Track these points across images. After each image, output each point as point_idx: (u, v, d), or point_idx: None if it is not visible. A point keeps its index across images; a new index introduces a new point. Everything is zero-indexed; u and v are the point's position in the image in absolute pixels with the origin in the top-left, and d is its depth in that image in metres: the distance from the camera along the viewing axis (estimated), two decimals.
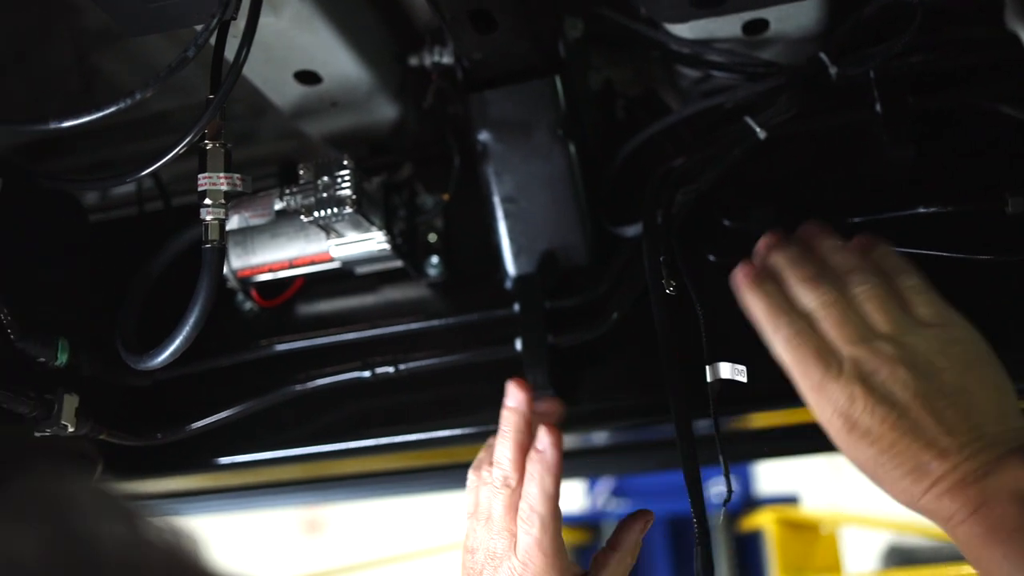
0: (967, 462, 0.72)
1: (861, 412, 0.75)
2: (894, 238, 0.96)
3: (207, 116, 0.84)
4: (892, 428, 0.74)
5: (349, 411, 1.12)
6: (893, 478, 0.75)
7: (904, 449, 0.73)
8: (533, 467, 0.89)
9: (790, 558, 2.27)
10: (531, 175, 1.04)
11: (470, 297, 1.12)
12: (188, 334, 0.88)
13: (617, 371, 1.05)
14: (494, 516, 0.91)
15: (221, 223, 0.87)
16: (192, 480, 1.24)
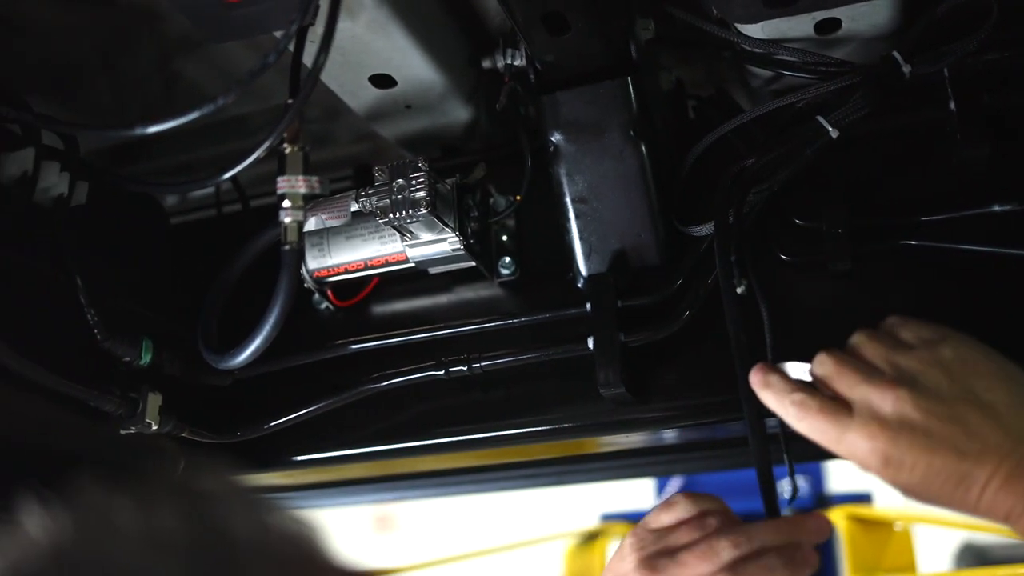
0: (1007, 460, 0.74)
1: (887, 446, 0.76)
2: (968, 237, 0.96)
3: (286, 120, 0.86)
4: (923, 451, 0.75)
5: (423, 409, 1.14)
6: (947, 495, 0.76)
7: (943, 467, 0.74)
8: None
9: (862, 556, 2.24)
10: (603, 176, 1.05)
11: (542, 297, 1.13)
12: (268, 334, 0.90)
13: (688, 370, 1.05)
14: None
15: (299, 225, 0.89)
16: (270, 477, 1.27)
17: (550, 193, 1.09)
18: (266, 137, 0.88)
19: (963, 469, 0.74)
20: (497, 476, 1.43)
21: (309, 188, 0.90)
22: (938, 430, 0.75)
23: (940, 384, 0.77)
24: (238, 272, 1.09)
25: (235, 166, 0.89)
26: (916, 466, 0.75)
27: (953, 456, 0.74)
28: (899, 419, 0.76)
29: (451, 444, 1.12)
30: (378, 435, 1.15)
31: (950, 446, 0.75)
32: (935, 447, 0.75)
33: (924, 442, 0.75)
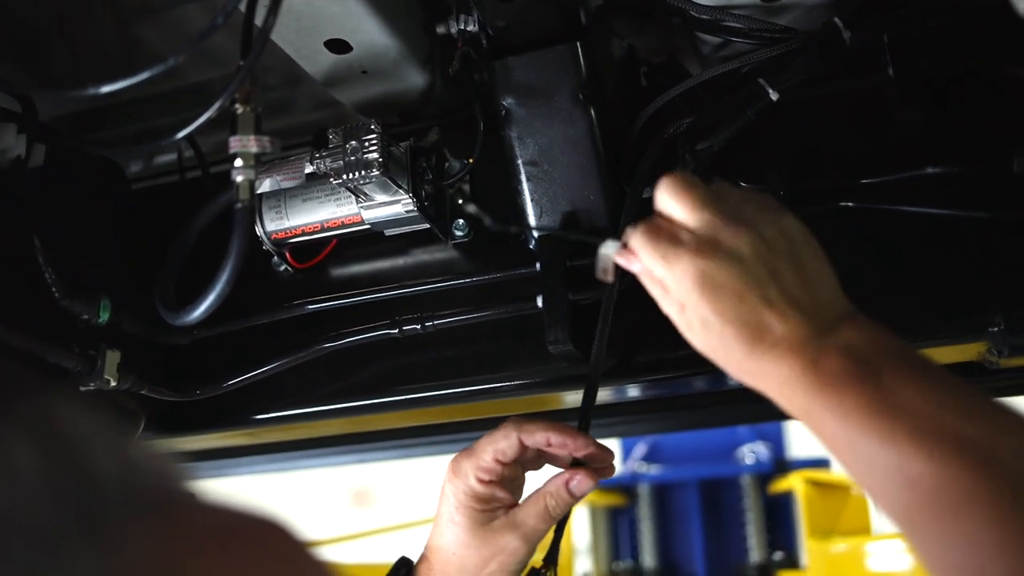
0: (807, 323, 0.76)
1: (711, 266, 0.78)
2: (904, 198, 0.99)
3: (237, 80, 0.88)
4: (738, 281, 0.77)
5: (378, 368, 1.16)
6: (739, 336, 0.77)
7: (751, 306, 0.77)
8: None
9: (819, 519, 2.28)
10: (553, 139, 1.07)
11: (496, 258, 1.16)
12: (221, 290, 0.92)
13: (636, 327, 1.08)
14: None
15: (251, 183, 0.91)
16: (231, 436, 1.29)
17: (503, 156, 1.12)
18: (217, 98, 0.90)
19: (764, 318, 0.77)
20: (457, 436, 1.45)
21: (260, 147, 0.91)
22: (758, 274, 0.78)
23: (775, 239, 0.80)
24: (195, 233, 1.11)
25: (188, 126, 0.91)
26: (729, 295, 0.77)
27: (763, 302, 0.77)
28: (731, 250, 0.78)
29: (406, 402, 1.15)
30: (335, 393, 1.17)
31: (762, 293, 0.77)
32: (750, 286, 0.77)
33: (743, 278, 0.78)
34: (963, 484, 0.66)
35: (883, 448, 0.70)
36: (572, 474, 1.00)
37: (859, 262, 1.02)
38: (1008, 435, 0.69)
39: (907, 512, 0.70)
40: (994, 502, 0.65)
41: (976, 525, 0.66)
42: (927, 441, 0.69)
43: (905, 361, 0.75)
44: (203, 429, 1.22)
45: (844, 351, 0.75)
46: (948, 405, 0.71)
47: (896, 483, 0.70)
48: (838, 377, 0.74)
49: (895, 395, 0.71)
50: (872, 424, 0.71)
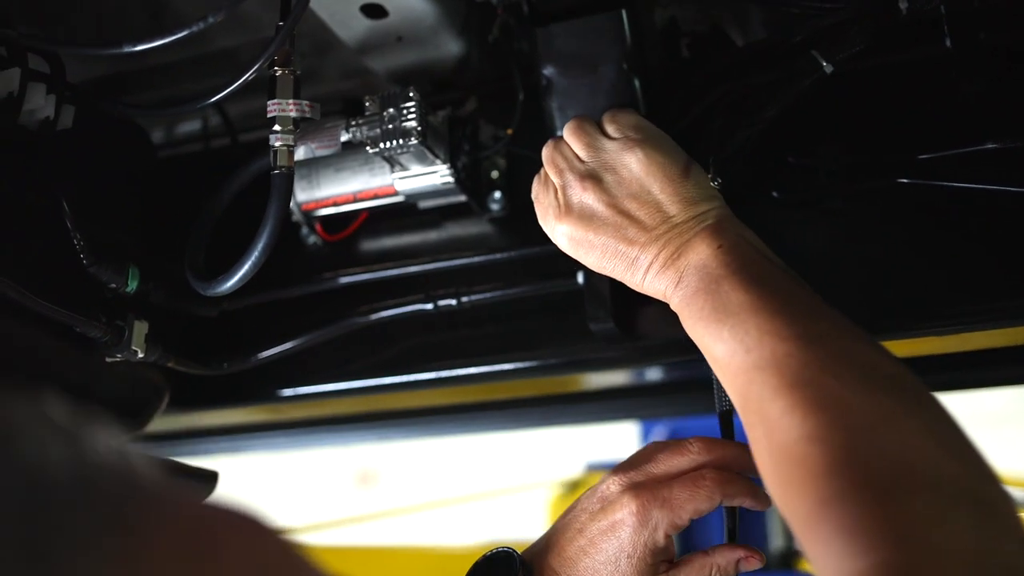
0: (664, 249, 0.87)
1: (573, 227, 0.91)
2: (962, 175, 0.95)
3: (276, 42, 0.85)
4: (599, 234, 0.89)
5: (410, 344, 1.13)
6: (620, 272, 0.90)
7: (616, 251, 0.89)
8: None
9: None
10: (595, 110, 1.04)
11: (531, 232, 1.12)
12: (257, 259, 0.90)
13: None
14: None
15: (290, 149, 0.89)
16: (255, 412, 1.26)
17: (541, 128, 1.08)
18: (256, 60, 0.87)
19: (632, 254, 0.88)
20: (482, 416, 1.42)
21: (300, 112, 0.89)
22: (612, 219, 0.89)
23: (621, 181, 0.90)
24: (226, 200, 1.08)
25: (222, 91, 0.88)
26: (594, 248, 0.90)
27: (624, 242, 0.88)
28: (581, 207, 0.91)
29: (439, 380, 1.12)
30: (365, 370, 1.14)
31: (621, 235, 0.88)
32: (609, 233, 0.89)
33: (601, 228, 0.89)
34: (762, 374, 0.74)
35: (716, 346, 0.80)
36: (747, 553, 0.95)
37: (915, 239, 0.98)
38: (816, 322, 0.78)
39: (742, 399, 0.77)
40: (778, 389, 0.72)
41: (765, 410, 0.73)
42: (741, 337, 0.77)
43: (744, 269, 0.82)
44: (229, 404, 1.19)
45: (696, 267, 0.85)
46: (766, 305, 0.78)
47: (727, 378, 0.79)
48: (692, 291, 0.84)
49: (726, 300, 0.80)
50: (709, 327, 0.81)
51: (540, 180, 0.97)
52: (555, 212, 0.92)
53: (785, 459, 0.69)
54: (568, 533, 0.93)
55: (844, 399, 0.69)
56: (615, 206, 0.89)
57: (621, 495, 0.91)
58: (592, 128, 0.95)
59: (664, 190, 0.89)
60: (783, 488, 0.70)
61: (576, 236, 0.91)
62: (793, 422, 0.69)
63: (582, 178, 0.91)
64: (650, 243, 0.87)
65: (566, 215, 0.91)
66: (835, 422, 0.68)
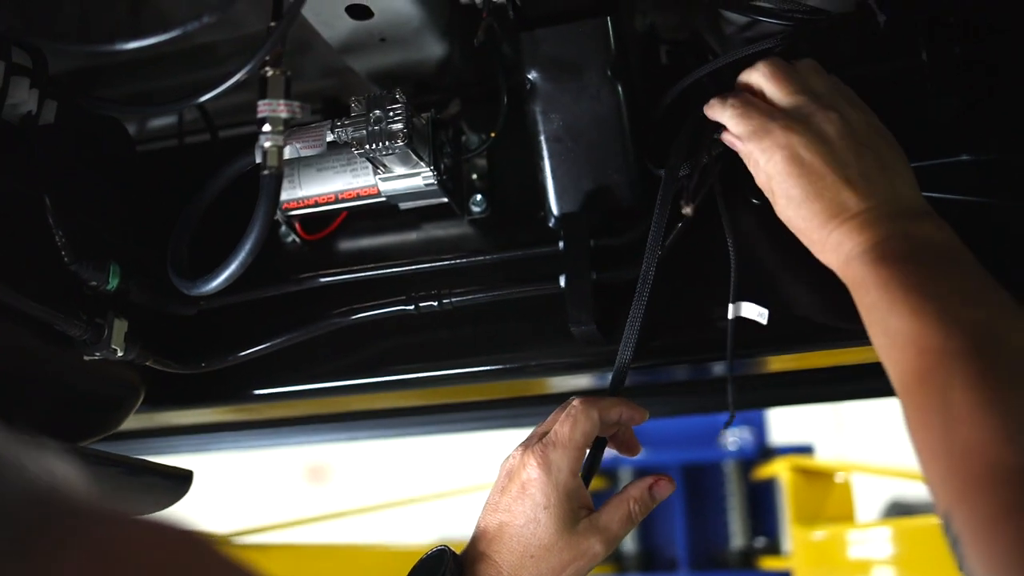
0: (881, 206, 0.84)
1: (798, 145, 0.87)
2: (937, 186, 0.97)
3: (270, 43, 0.85)
4: (823, 161, 0.85)
5: (389, 345, 1.13)
6: (815, 210, 0.85)
7: (831, 184, 0.85)
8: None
9: (804, 506, 2.31)
10: (579, 115, 1.05)
11: (512, 236, 1.13)
12: (244, 259, 0.89)
13: (658, 310, 1.06)
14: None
15: (279, 150, 0.89)
16: (231, 412, 1.26)
17: (524, 131, 1.09)
18: (247, 60, 0.87)
19: (843, 197, 0.84)
20: (453, 417, 1.43)
21: (290, 113, 0.89)
22: (842, 155, 0.86)
23: (861, 128, 0.88)
24: (209, 199, 1.08)
25: (215, 88, 0.87)
26: (811, 173, 0.86)
27: (843, 181, 0.85)
28: (820, 132, 0.87)
29: (419, 380, 1.12)
30: (343, 370, 1.14)
31: (844, 173, 0.85)
32: (833, 166, 0.85)
33: (828, 158, 0.86)
34: (959, 361, 0.71)
35: (910, 320, 0.75)
36: (656, 479, 1.00)
37: None
38: (1020, 333, 0.74)
39: (910, 377, 0.75)
40: (981, 377, 0.69)
41: (958, 393, 0.70)
42: (947, 321, 0.74)
43: (958, 255, 0.81)
44: (205, 403, 1.18)
45: (910, 235, 0.81)
46: (980, 298, 0.77)
47: (909, 353, 0.75)
48: (896, 256, 0.80)
49: (936, 281, 0.77)
50: (908, 298, 0.76)
51: (748, 101, 0.93)
52: (785, 123, 0.88)
53: (972, 456, 0.66)
54: (488, 515, 0.96)
55: None
56: (849, 146, 0.86)
57: (521, 458, 0.95)
58: (830, 75, 0.94)
59: (893, 155, 0.88)
60: (960, 485, 0.67)
61: (801, 156, 0.86)
62: (989, 420, 0.67)
63: (827, 106, 0.89)
64: (868, 193, 0.84)
65: (803, 131, 0.87)
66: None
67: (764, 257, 1.05)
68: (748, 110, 0.91)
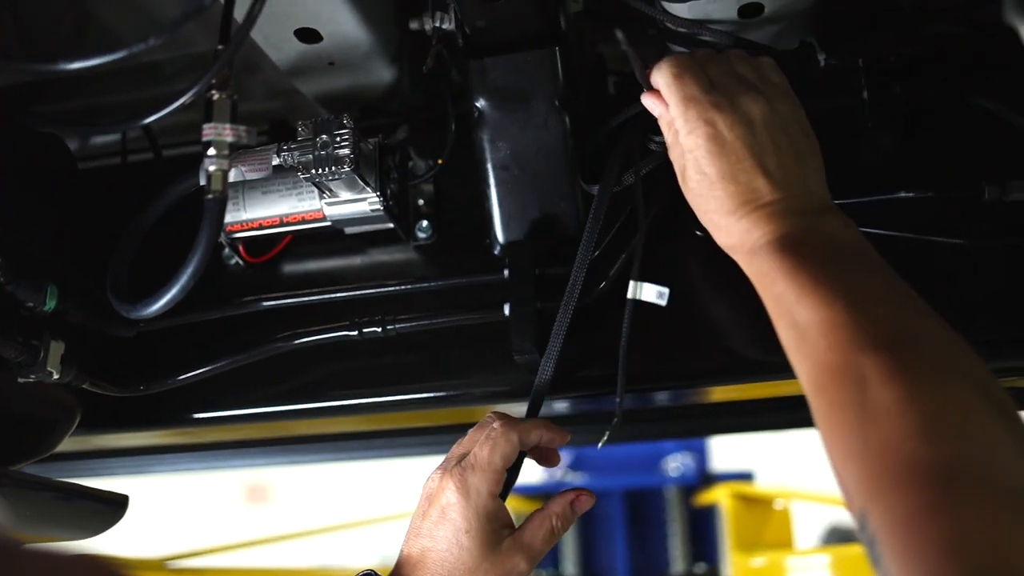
0: (792, 199, 0.84)
1: (722, 122, 0.86)
2: (876, 221, 0.99)
3: (217, 65, 0.84)
4: (743, 144, 0.85)
5: (332, 370, 1.12)
6: (728, 192, 0.85)
7: (747, 168, 0.85)
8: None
9: (744, 533, 2.32)
10: (526, 144, 1.06)
11: (457, 262, 1.13)
12: (185, 283, 0.88)
13: (601, 341, 1.06)
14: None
15: (224, 174, 0.87)
16: (170, 435, 1.24)
17: (471, 159, 1.09)
18: (194, 83, 0.86)
19: (759, 181, 0.84)
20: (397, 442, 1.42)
21: (236, 137, 0.88)
22: (763, 140, 0.86)
23: (785, 117, 0.88)
24: (151, 220, 1.06)
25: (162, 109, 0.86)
26: (731, 154, 0.85)
27: (760, 168, 0.85)
28: (744, 113, 0.86)
29: (361, 406, 1.11)
30: (285, 395, 1.13)
31: (760, 159, 0.85)
32: (752, 150, 0.85)
33: (750, 140, 0.85)
34: (874, 356, 0.71)
35: (819, 312, 0.76)
36: (576, 494, 1.00)
37: None
38: (929, 330, 0.74)
39: (821, 371, 0.75)
40: (895, 372, 0.69)
41: (873, 389, 0.69)
42: (858, 315, 0.74)
43: (865, 255, 0.81)
44: (143, 426, 1.16)
45: (818, 230, 0.82)
46: (889, 295, 0.77)
47: (819, 347, 0.75)
48: (805, 248, 0.80)
49: (846, 276, 0.78)
50: (817, 290, 0.76)
51: (688, 66, 0.91)
52: (712, 102, 0.87)
53: (889, 453, 0.66)
54: (410, 541, 0.95)
55: (967, 411, 0.67)
56: (770, 132, 0.86)
57: (440, 482, 0.94)
58: (761, 60, 0.94)
59: (810, 149, 0.89)
60: (876, 483, 0.66)
61: (724, 135, 0.85)
62: (907, 417, 0.67)
63: (752, 89, 0.88)
64: (782, 183, 0.84)
65: (728, 110, 0.86)
66: (956, 431, 0.66)
67: (701, 288, 1.06)
68: (683, 75, 0.90)
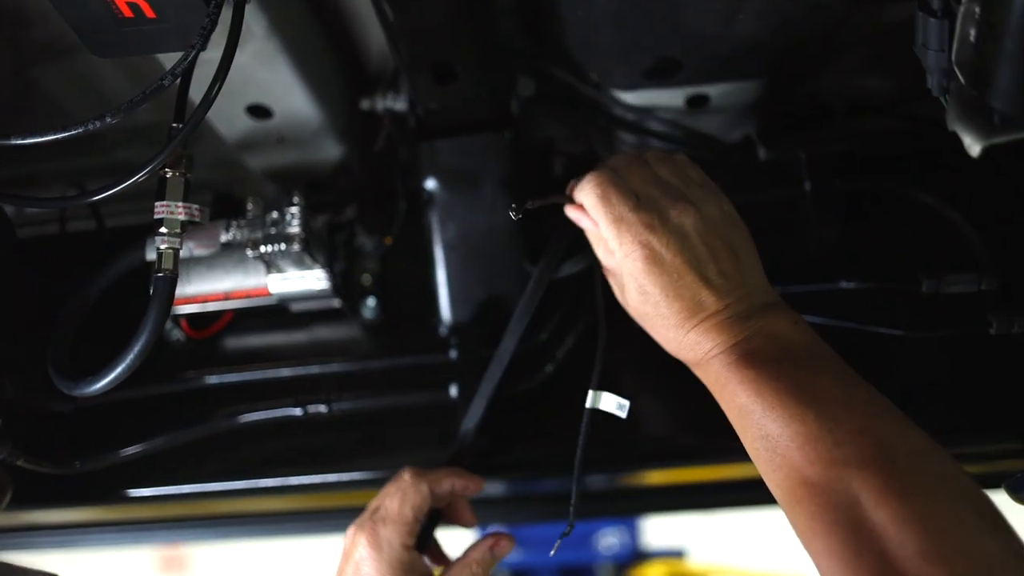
0: (737, 304, 0.84)
1: (657, 242, 0.85)
2: (817, 309, 1.01)
3: (173, 144, 0.84)
4: (681, 259, 0.84)
5: (274, 448, 1.10)
6: (673, 310, 0.85)
7: (689, 283, 0.84)
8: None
9: None
10: (475, 225, 1.06)
11: (402, 340, 1.13)
12: (132, 362, 0.86)
13: (546, 422, 1.07)
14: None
15: (175, 252, 0.87)
16: (99, 512, 1.21)
17: (418, 237, 1.10)
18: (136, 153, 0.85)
19: (700, 296, 0.84)
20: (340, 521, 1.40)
21: (189, 215, 0.87)
22: (699, 252, 0.85)
23: (714, 220, 0.87)
24: (95, 295, 1.04)
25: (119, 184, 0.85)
26: (669, 272, 0.84)
27: (700, 280, 0.84)
28: (677, 227, 0.85)
29: (303, 486, 1.09)
30: (225, 472, 1.10)
31: (700, 270, 0.85)
32: (691, 264, 0.84)
33: (687, 256, 0.85)
34: (860, 474, 0.72)
35: (790, 425, 0.76)
36: (495, 539, 0.99)
37: None
38: (905, 438, 0.75)
39: (798, 486, 0.75)
40: (883, 494, 0.70)
41: (870, 508, 0.70)
42: (832, 429, 0.74)
43: (821, 355, 0.81)
44: (77, 503, 1.13)
45: (769, 334, 0.82)
46: (855, 401, 0.77)
47: (794, 459, 0.75)
48: (760, 357, 0.80)
49: (809, 385, 0.77)
50: (784, 403, 0.77)
51: (612, 182, 0.89)
52: (643, 222, 0.85)
53: (893, 573, 0.68)
54: None
55: (961, 526, 0.69)
56: (706, 241, 0.86)
57: (353, 537, 0.94)
58: (677, 160, 0.93)
59: (745, 247, 0.89)
60: None
61: (662, 254, 0.84)
62: (909, 537, 0.68)
63: (680, 199, 0.87)
64: (725, 290, 0.84)
65: (661, 229, 0.85)
66: (959, 545, 0.67)
67: (635, 374, 1.08)
68: (608, 194, 0.88)
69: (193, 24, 0.80)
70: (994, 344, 0.98)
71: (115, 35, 0.83)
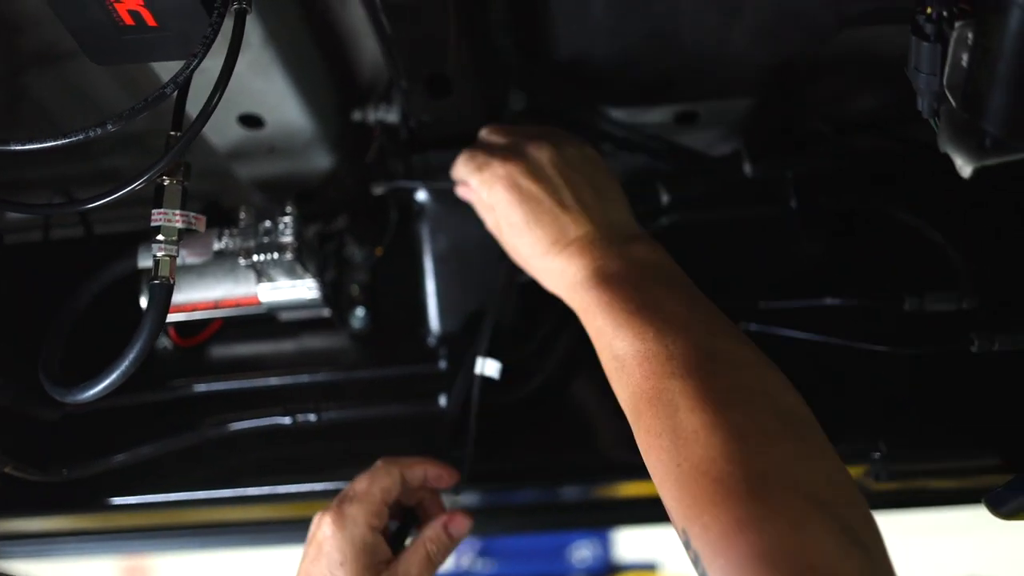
0: (598, 231, 0.89)
1: (516, 173, 0.92)
2: (802, 325, 1.03)
3: (173, 153, 0.84)
4: (537, 186, 0.91)
5: (261, 457, 1.10)
6: (536, 236, 0.90)
7: (548, 208, 0.90)
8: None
9: None
10: (466, 237, 1.07)
11: (391, 350, 1.13)
12: (127, 369, 0.86)
13: (533, 434, 1.08)
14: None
15: (172, 260, 0.87)
16: (86, 520, 1.20)
17: (408, 248, 1.11)
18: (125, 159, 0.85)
19: (563, 219, 0.90)
20: None
21: (186, 223, 0.87)
22: (557, 180, 0.91)
23: (573, 157, 0.94)
24: (86, 301, 1.04)
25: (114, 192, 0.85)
26: (532, 200, 0.91)
27: (562, 208, 0.90)
28: (534, 160, 0.92)
29: (291, 495, 1.09)
30: (212, 481, 1.10)
31: (559, 199, 0.90)
32: (549, 191, 0.91)
33: (543, 184, 0.91)
34: (682, 383, 0.75)
35: (634, 343, 0.79)
36: (449, 517, 0.98)
37: None
38: (732, 353, 0.79)
39: (638, 399, 0.78)
40: (702, 396, 0.73)
41: (683, 414, 0.74)
42: (667, 343, 0.78)
43: (678, 280, 0.86)
44: (63, 511, 1.13)
45: (628, 258, 0.86)
46: (695, 320, 0.80)
47: (635, 376, 0.79)
48: (616, 279, 0.84)
49: (655, 304, 0.81)
50: (630, 322, 0.80)
51: (474, 144, 1.00)
52: (500, 157, 0.93)
53: (700, 475, 0.70)
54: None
55: (767, 429, 0.71)
56: (561, 172, 0.92)
57: (319, 519, 0.93)
58: (546, 128, 1.00)
59: (608, 184, 0.95)
60: (692, 503, 0.70)
61: (519, 182, 0.91)
62: (714, 440, 0.70)
63: (536, 138, 0.95)
64: (584, 219, 0.90)
65: (516, 160, 0.93)
66: (758, 449, 0.69)
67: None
68: (472, 153, 0.96)
69: (194, 33, 0.80)
70: (975, 361, 1.00)
71: (115, 43, 0.84)
